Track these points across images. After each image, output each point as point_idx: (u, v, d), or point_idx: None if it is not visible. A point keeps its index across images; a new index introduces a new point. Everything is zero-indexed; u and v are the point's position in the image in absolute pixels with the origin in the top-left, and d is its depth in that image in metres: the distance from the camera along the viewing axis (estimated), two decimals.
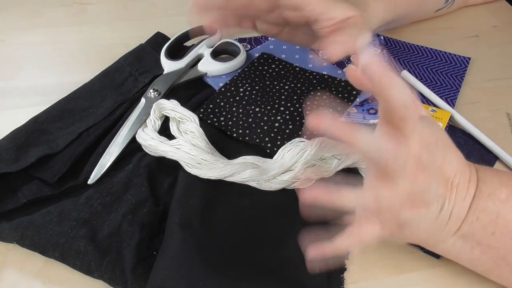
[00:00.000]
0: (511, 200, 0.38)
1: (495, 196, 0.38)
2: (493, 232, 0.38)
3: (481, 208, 0.38)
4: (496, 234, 0.38)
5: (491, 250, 0.38)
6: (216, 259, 0.41)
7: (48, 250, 0.42)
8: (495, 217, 0.38)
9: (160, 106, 0.51)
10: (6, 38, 0.68)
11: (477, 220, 0.38)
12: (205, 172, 0.47)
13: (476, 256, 0.39)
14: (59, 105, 0.55)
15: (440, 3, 0.69)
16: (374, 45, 0.58)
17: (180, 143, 0.48)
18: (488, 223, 0.38)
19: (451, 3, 0.70)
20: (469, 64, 0.64)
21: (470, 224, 0.38)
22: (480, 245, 0.38)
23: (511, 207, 0.38)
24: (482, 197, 0.38)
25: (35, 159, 0.48)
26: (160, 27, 0.67)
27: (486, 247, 0.38)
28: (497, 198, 0.38)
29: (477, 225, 0.38)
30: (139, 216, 0.45)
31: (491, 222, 0.38)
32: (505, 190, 0.38)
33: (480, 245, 0.38)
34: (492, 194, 0.38)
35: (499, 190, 0.38)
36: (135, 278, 0.41)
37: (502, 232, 0.37)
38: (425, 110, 0.39)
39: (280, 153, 0.49)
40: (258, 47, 0.65)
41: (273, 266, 0.42)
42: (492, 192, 0.38)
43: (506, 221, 0.37)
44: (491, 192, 0.38)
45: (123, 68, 0.60)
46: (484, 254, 0.38)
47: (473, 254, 0.39)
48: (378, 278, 0.43)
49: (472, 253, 0.39)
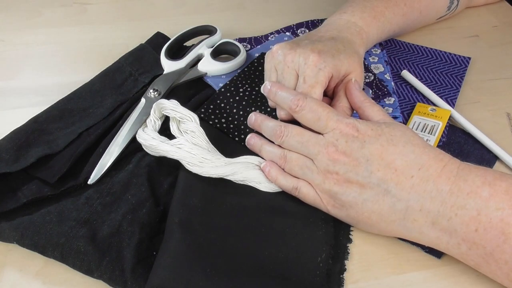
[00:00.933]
0: (494, 199, 0.39)
1: (475, 194, 0.39)
2: (476, 229, 0.39)
3: (460, 205, 0.40)
4: (479, 231, 0.39)
5: (477, 247, 0.39)
6: (216, 259, 0.41)
7: (48, 250, 0.42)
8: (477, 214, 0.39)
9: (160, 106, 0.51)
10: (6, 38, 0.68)
11: (456, 216, 0.40)
12: (207, 170, 0.47)
13: (464, 251, 0.40)
14: (59, 105, 0.55)
15: (441, 11, 0.69)
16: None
17: (181, 142, 0.48)
18: (469, 220, 0.39)
19: (454, 9, 0.70)
20: (469, 64, 0.64)
21: (448, 219, 0.40)
22: (466, 241, 0.40)
23: (495, 205, 0.39)
24: (461, 194, 0.40)
25: (35, 159, 0.48)
26: (160, 27, 0.67)
27: (472, 243, 0.39)
28: (478, 197, 0.39)
29: (457, 221, 0.40)
30: (139, 216, 0.45)
31: (472, 219, 0.39)
32: (488, 188, 0.39)
33: (465, 241, 0.40)
34: (472, 192, 0.40)
35: (481, 188, 0.40)
36: (135, 278, 0.41)
37: (486, 229, 0.38)
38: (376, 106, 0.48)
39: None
40: (258, 47, 0.65)
41: (273, 266, 0.42)
42: (472, 191, 0.40)
43: (488, 219, 0.38)
44: (472, 190, 0.40)
45: (123, 68, 0.60)
46: (471, 250, 0.40)
47: (461, 249, 0.40)
48: (378, 278, 0.43)
49: (459, 249, 0.40)
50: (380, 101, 0.58)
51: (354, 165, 0.43)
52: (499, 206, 0.38)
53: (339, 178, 0.43)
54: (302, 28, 0.68)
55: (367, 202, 0.43)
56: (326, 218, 0.46)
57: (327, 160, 0.44)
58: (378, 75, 0.60)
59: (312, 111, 0.45)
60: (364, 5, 0.58)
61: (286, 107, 0.47)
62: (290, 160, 0.46)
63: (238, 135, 0.53)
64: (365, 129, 0.44)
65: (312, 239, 0.44)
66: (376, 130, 0.44)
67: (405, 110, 0.57)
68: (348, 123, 0.44)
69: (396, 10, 0.61)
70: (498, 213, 0.38)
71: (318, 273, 0.42)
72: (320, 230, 0.45)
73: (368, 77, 0.60)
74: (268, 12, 0.75)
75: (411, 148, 0.43)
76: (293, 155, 0.46)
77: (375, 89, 0.58)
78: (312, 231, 0.45)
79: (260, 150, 0.49)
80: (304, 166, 0.46)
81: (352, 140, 0.43)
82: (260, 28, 0.69)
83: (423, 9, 0.65)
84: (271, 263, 0.42)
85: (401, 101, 0.59)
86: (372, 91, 0.58)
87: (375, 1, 0.59)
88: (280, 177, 0.47)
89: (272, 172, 0.47)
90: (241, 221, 0.44)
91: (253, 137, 0.50)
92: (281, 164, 0.47)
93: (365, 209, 0.43)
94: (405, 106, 0.58)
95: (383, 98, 0.58)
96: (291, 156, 0.46)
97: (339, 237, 0.45)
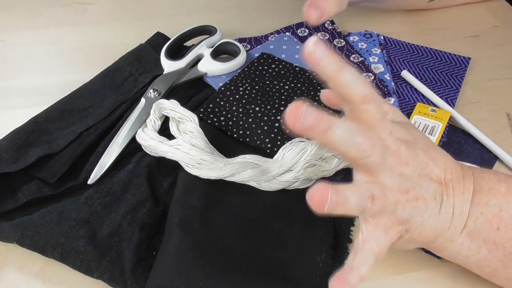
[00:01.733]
0: (511, 195, 0.38)
1: (496, 190, 0.38)
2: (498, 227, 0.38)
3: (484, 203, 0.38)
4: (501, 229, 0.38)
5: (497, 247, 0.38)
6: (216, 260, 0.41)
7: (48, 250, 0.42)
8: (499, 211, 0.38)
9: (160, 106, 0.51)
10: (6, 38, 0.68)
11: (482, 215, 0.38)
12: (205, 172, 0.47)
13: (483, 256, 0.39)
14: (59, 105, 0.55)
15: None
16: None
17: (180, 143, 0.48)
18: (493, 217, 0.38)
19: None
20: (469, 64, 0.64)
21: (475, 219, 0.38)
22: (487, 242, 0.38)
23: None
24: (483, 191, 0.38)
25: (35, 159, 0.48)
26: (160, 27, 0.67)
27: (493, 244, 0.38)
28: (498, 193, 0.38)
29: (482, 220, 0.38)
30: (138, 216, 0.45)
31: (495, 216, 0.38)
32: (504, 185, 0.39)
33: (486, 243, 0.38)
34: (492, 189, 0.39)
35: (499, 185, 0.39)
36: (135, 278, 0.41)
37: (506, 226, 0.38)
38: (388, 104, 0.40)
39: (281, 153, 0.49)
40: (258, 47, 0.65)
41: (273, 266, 0.42)
42: (492, 187, 0.39)
43: (509, 215, 0.38)
44: (491, 187, 0.39)
45: (123, 68, 0.60)
46: (491, 253, 0.38)
47: (480, 254, 0.39)
48: (378, 278, 0.43)
49: (479, 253, 0.39)
50: None
51: (418, 177, 0.35)
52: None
53: (408, 197, 0.35)
54: (302, 28, 0.68)
55: (430, 218, 0.36)
56: (325, 218, 0.46)
57: (398, 177, 0.35)
58: (378, 75, 0.60)
59: (379, 104, 0.35)
60: None
61: (356, 93, 0.34)
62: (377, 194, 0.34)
63: (236, 132, 0.53)
64: (405, 132, 0.37)
65: (312, 239, 0.44)
66: (409, 134, 0.37)
67: (405, 110, 0.57)
68: (400, 124, 0.37)
69: None
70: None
71: (318, 273, 0.42)
72: (320, 230, 0.45)
73: (368, 77, 0.60)
74: (268, 12, 0.75)
75: (436, 149, 0.38)
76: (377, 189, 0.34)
77: (375, 89, 0.58)
78: (312, 231, 0.45)
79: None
80: (383, 197, 0.34)
81: (409, 147, 0.36)
82: (260, 28, 0.69)
83: None
84: (271, 263, 0.42)
85: (401, 101, 0.59)
86: None
87: None
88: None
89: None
90: (241, 221, 0.44)
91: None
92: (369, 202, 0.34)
93: (427, 227, 0.36)
94: (405, 106, 0.58)
95: (383, 98, 0.58)
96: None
97: (339, 237, 0.45)
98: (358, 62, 0.62)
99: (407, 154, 0.35)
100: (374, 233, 0.35)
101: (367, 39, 0.66)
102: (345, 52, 0.63)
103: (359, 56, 0.63)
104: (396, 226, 0.36)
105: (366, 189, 0.33)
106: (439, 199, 0.37)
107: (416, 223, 0.36)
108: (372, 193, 0.33)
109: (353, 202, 0.32)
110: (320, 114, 0.31)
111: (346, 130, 0.32)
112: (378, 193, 0.33)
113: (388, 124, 0.36)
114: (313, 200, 0.31)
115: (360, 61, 0.62)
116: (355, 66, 0.62)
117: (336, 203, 0.31)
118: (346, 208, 0.32)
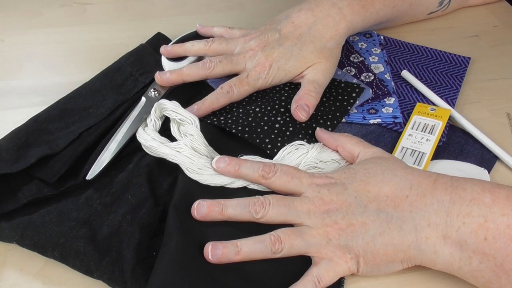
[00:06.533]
0: (497, 205, 0.38)
1: (479, 201, 0.39)
2: (485, 238, 0.38)
3: (465, 213, 0.39)
4: (488, 240, 0.38)
5: (488, 258, 0.38)
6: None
7: (48, 250, 0.42)
8: (484, 221, 0.38)
9: (161, 106, 0.51)
10: (6, 38, 0.68)
11: (464, 225, 0.39)
12: (205, 178, 0.46)
13: (475, 266, 0.39)
14: (59, 105, 0.55)
15: (432, 7, 0.69)
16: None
17: (181, 146, 0.48)
18: (478, 227, 0.38)
19: (445, 6, 0.70)
20: (469, 64, 0.64)
21: (457, 229, 0.39)
22: (476, 253, 0.38)
23: (499, 211, 0.38)
24: (464, 202, 0.39)
25: (36, 160, 0.48)
26: (160, 27, 0.67)
27: (483, 254, 0.38)
28: (482, 203, 0.39)
29: (465, 230, 0.38)
30: (138, 216, 0.45)
31: (480, 226, 0.38)
32: (489, 195, 0.39)
33: (476, 254, 0.38)
34: (474, 199, 0.39)
35: (482, 195, 0.39)
36: (135, 278, 0.41)
37: (494, 236, 0.38)
38: (361, 144, 0.48)
39: (281, 154, 0.49)
40: None
41: (273, 267, 0.42)
42: (474, 198, 0.39)
43: (495, 225, 0.38)
44: (474, 197, 0.39)
45: (123, 68, 0.60)
46: (483, 264, 0.38)
47: (472, 265, 0.39)
48: (378, 278, 0.43)
49: (471, 264, 0.39)
50: (380, 101, 0.58)
51: (347, 206, 0.42)
52: (504, 212, 0.38)
53: (340, 227, 0.41)
54: None
55: (376, 237, 0.40)
56: None
57: (321, 214, 0.42)
58: (378, 75, 0.60)
59: (284, 172, 0.44)
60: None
61: (255, 178, 0.45)
62: (284, 240, 0.41)
63: (235, 128, 0.52)
64: (338, 175, 0.44)
65: None
66: (349, 171, 0.44)
67: (405, 110, 0.58)
68: (320, 175, 0.44)
69: (387, 1, 0.61)
70: (504, 219, 0.38)
71: None
72: None
73: (368, 77, 0.60)
74: (268, 12, 0.74)
75: (392, 173, 0.43)
76: (284, 232, 0.41)
77: (375, 89, 0.58)
78: None
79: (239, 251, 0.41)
80: (302, 235, 0.41)
81: (333, 186, 0.43)
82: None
83: (413, 2, 0.65)
84: (272, 265, 0.42)
85: (401, 101, 0.59)
86: (372, 91, 0.58)
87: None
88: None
89: None
90: (241, 224, 0.44)
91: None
92: (276, 249, 0.41)
93: (378, 246, 0.40)
94: (405, 106, 0.58)
95: (383, 98, 0.58)
96: (284, 235, 0.41)
97: None
98: (358, 62, 0.62)
99: (331, 193, 0.42)
100: (322, 264, 0.40)
101: (367, 38, 0.66)
102: (345, 52, 0.63)
103: (359, 56, 0.63)
104: (342, 254, 0.40)
105: (268, 235, 0.41)
106: (383, 217, 0.41)
107: (361, 246, 0.40)
108: (276, 237, 0.41)
109: (257, 252, 0.41)
110: (211, 202, 0.43)
111: (234, 205, 0.43)
112: (283, 235, 0.41)
113: (305, 178, 0.44)
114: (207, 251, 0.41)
115: (360, 61, 0.62)
116: (355, 65, 0.62)
117: (229, 260, 0.40)
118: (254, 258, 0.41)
